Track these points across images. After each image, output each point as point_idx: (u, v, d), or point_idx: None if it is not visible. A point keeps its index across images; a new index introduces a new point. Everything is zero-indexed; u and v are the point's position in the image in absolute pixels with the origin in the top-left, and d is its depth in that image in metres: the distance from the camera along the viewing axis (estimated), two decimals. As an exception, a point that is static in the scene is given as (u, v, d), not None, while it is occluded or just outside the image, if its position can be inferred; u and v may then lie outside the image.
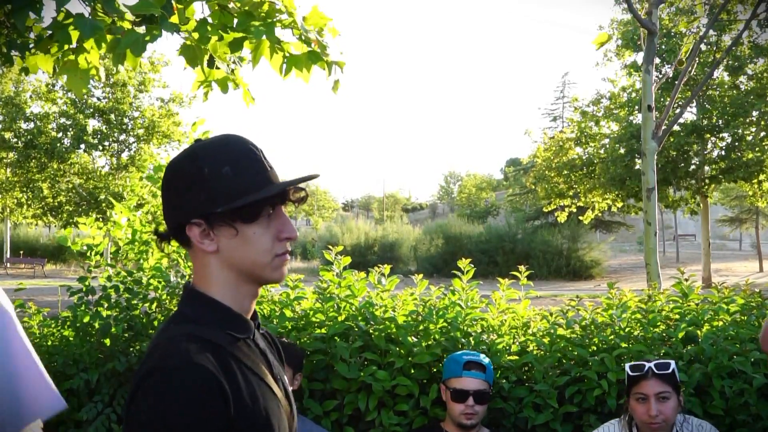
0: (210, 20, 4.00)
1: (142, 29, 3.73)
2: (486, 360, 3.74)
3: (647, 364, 3.35)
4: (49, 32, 3.87)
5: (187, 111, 40.97)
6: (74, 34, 3.73)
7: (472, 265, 4.42)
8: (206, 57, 4.21)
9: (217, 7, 3.94)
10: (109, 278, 4.67)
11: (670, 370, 3.33)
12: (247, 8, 3.94)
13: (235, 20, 3.97)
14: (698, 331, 4.15)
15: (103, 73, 4.13)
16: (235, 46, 4.06)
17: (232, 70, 4.59)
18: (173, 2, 3.74)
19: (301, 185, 1.76)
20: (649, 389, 3.31)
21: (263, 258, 1.71)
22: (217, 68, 4.41)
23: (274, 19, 3.98)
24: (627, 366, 3.39)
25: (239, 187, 1.66)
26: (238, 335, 1.70)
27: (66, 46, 3.96)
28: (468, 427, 3.67)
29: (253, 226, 1.69)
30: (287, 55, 4.18)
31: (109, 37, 3.85)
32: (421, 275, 4.58)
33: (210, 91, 4.60)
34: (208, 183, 1.65)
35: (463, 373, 3.67)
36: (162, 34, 3.70)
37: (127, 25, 3.82)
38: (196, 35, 3.96)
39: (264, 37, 3.91)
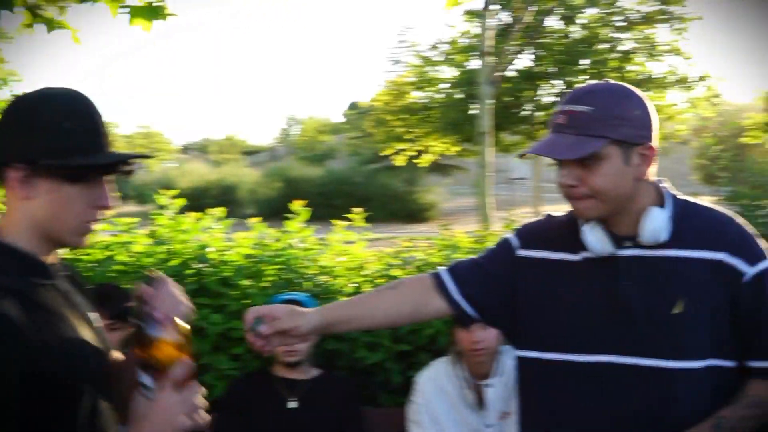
0: None
1: None
2: (305, 297, 3.72)
3: None
4: None
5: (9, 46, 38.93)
6: None
7: (311, 208, 4.41)
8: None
9: None
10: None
11: None
12: None
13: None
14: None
15: None
16: None
17: (60, 10, 4.42)
18: None
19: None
20: None
21: (72, 221, 1.70)
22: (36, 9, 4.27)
23: None
24: None
25: (75, 145, 1.65)
26: (39, 281, 1.67)
27: None
28: (292, 365, 3.67)
29: (75, 186, 1.67)
30: (127, 4, 4.15)
31: None
32: (259, 218, 4.54)
33: (32, 33, 4.43)
34: (46, 132, 1.63)
35: None
36: None
37: None
38: None
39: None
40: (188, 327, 1.83)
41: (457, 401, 3.52)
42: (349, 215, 4.56)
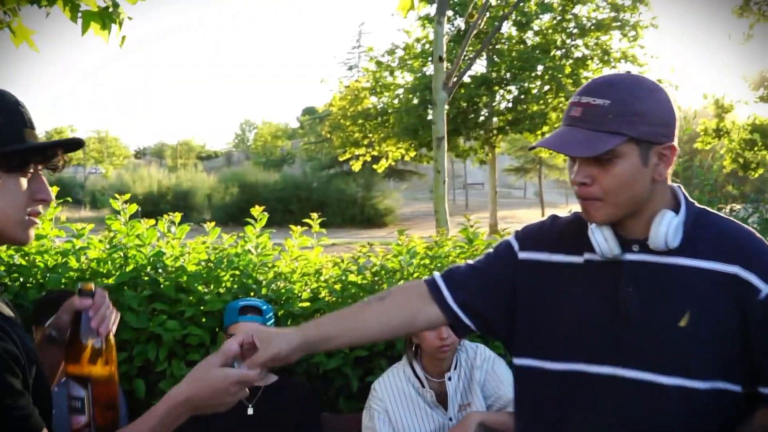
0: None
1: None
2: (263, 304, 3.74)
3: None
4: None
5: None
6: None
7: (268, 214, 4.40)
8: None
9: None
10: None
11: None
12: None
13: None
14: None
15: None
16: None
17: (14, 17, 4.36)
18: None
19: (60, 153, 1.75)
20: None
21: (17, 214, 1.68)
22: None
23: None
24: None
25: (9, 136, 1.63)
26: None
27: None
28: None
29: (15, 177, 1.66)
30: (81, 10, 4.08)
31: None
32: (214, 223, 4.52)
33: None
34: None
35: (240, 319, 3.65)
36: None
37: None
38: None
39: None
40: (113, 340, 1.85)
41: (419, 401, 3.54)
42: (305, 220, 4.55)
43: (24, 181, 1.68)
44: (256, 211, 4.37)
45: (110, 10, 4.13)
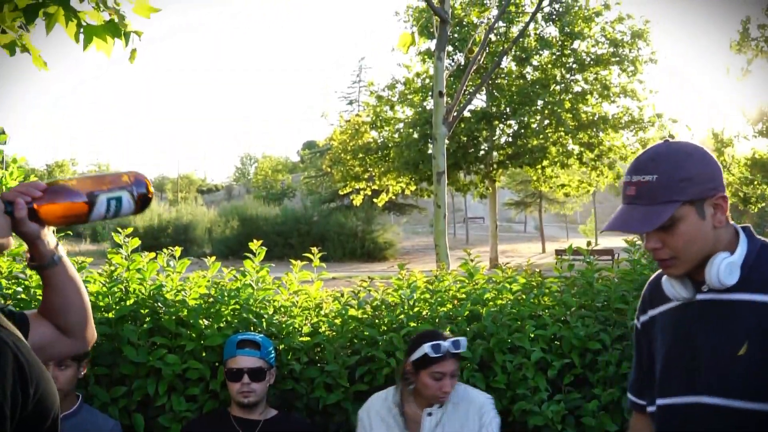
0: None
1: None
2: (262, 338, 3.74)
3: (444, 344, 3.44)
4: None
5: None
6: None
7: (268, 248, 4.40)
8: None
9: None
10: None
11: (464, 349, 3.53)
12: None
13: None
14: (482, 310, 4.31)
15: None
16: (30, 15, 3.88)
17: (20, 35, 4.35)
18: None
19: None
20: (447, 368, 3.45)
21: (5, 231, 1.73)
22: (4, 33, 4.18)
23: None
24: (427, 346, 3.43)
25: None
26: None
27: None
28: (247, 406, 3.65)
29: None
30: (84, 24, 4.04)
31: None
32: (214, 257, 4.51)
33: None
34: None
35: (237, 352, 3.66)
36: None
37: None
38: None
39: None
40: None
41: (395, 428, 3.53)
42: (306, 254, 4.55)
43: None
44: (255, 245, 4.37)
45: (116, 21, 4.07)
